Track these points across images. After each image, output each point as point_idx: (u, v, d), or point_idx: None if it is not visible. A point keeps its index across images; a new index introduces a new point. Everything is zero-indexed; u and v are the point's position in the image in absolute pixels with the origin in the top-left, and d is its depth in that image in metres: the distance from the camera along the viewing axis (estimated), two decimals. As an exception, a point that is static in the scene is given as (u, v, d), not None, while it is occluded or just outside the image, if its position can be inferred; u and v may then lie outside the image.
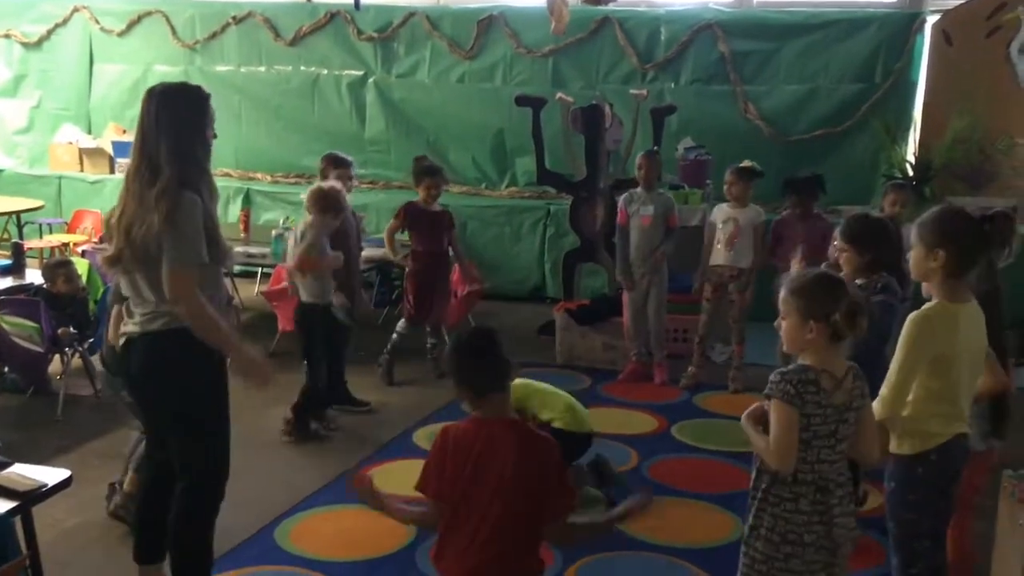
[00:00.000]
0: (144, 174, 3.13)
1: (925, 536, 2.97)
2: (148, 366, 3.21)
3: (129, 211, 3.12)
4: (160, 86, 3.30)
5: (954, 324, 2.85)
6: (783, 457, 2.57)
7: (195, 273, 3.10)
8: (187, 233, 3.08)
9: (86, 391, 5.87)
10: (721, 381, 6.26)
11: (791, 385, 2.54)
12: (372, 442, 5.30)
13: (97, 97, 10.33)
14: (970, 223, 2.88)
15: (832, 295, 2.57)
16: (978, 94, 7.71)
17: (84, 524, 4.18)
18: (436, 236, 6.32)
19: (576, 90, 8.45)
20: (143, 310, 3.18)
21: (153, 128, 3.17)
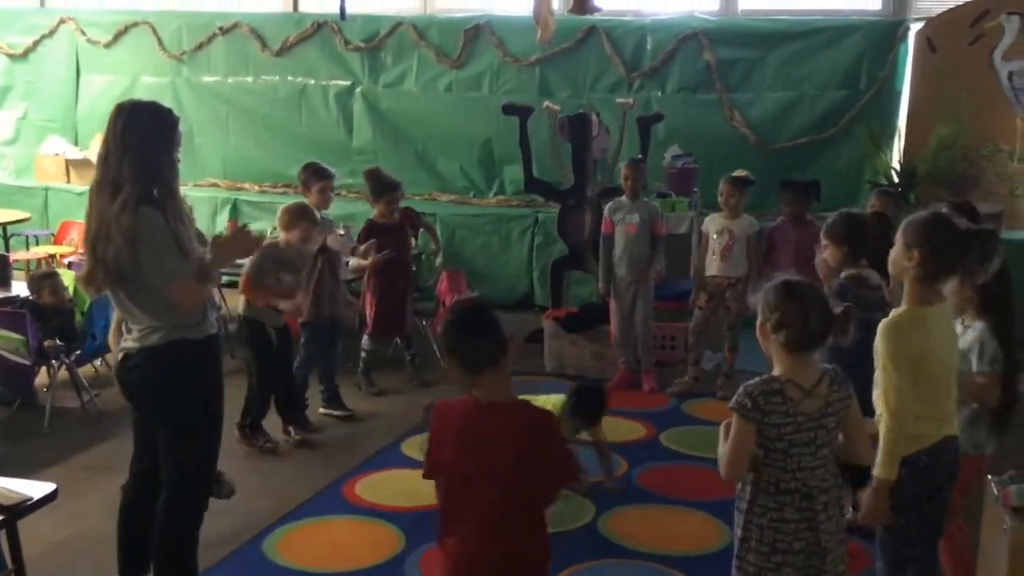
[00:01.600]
0: (106, 189, 3.12)
1: (915, 542, 2.97)
2: (146, 380, 3.23)
3: (92, 228, 3.13)
4: (129, 103, 3.29)
5: (923, 326, 2.87)
6: (729, 466, 2.61)
7: (193, 279, 3.14)
8: (160, 246, 3.08)
9: (73, 403, 5.85)
10: (710, 389, 6.28)
11: (749, 398, 2.56)
12: (361, 452, 5.29)
13: (84, 108, 10.30)
14: (953, 231, 2.88)
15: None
16: (962, 101, 7.76)
17: (71, 537, 4.16)
18: (399, 248, 6.25)
19: (563, 99, 8.48)
20: (138, 326, 3.20)
21: (118, 143, 3.14)
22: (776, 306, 2.56)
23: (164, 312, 3.15)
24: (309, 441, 5.44)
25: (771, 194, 7.33)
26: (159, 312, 3.16)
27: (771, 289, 2.61)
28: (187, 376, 3.24)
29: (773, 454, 2.58)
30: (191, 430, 3.30)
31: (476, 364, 2.57)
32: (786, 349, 2.57)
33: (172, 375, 3.22)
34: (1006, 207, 7.79)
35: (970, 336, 3.27)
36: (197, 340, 3.25)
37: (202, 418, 3.32)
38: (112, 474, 4.84)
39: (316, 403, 5.83)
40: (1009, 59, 7.94)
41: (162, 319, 3.16)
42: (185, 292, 3.13)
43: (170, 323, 3.17)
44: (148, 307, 3.15)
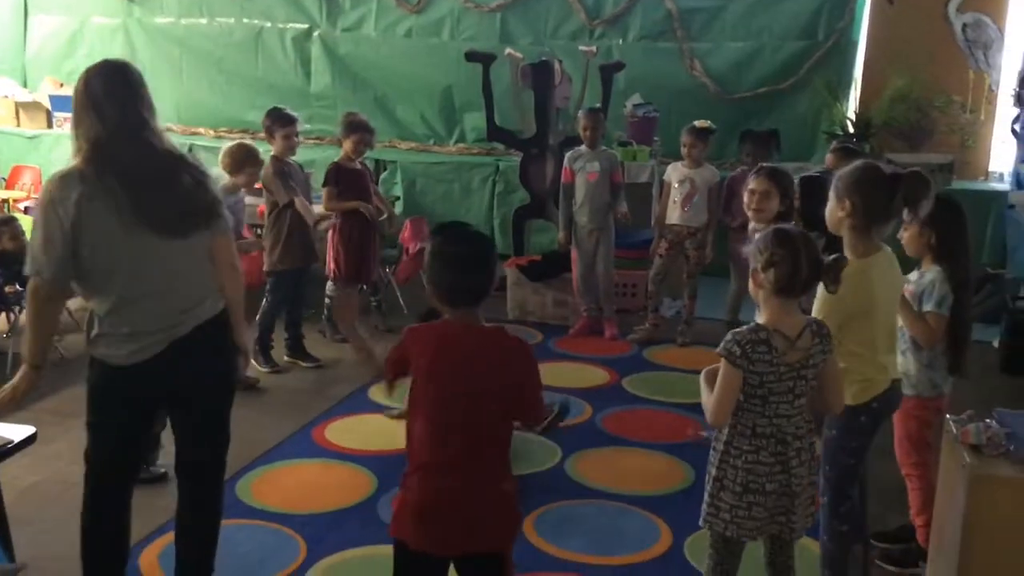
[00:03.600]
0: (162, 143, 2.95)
1: (855, 479, 3.14)
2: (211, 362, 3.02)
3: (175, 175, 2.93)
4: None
5: (865, 278, 2.95)
6: (716, 414, 2.68)
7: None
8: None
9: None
10: (670, 335, 6.40)
11: (738, 346, 2.62)
12: (328, 398, 5.33)
13: (32, 50, 10.06)
14: (880, 176, 2.98)
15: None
16: (917, 53, 7.87)
17: (42, 482, 4.17)
18: (363, 194, 6.24)
19: (524, 46, 8.46)
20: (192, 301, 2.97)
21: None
22: (767, 248, 2.62)
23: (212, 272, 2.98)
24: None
25: (731, 143, 7.45)
26: (206, 274, 2.97)
27: (763, 236, 2.68)
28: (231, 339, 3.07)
29: (752, 400, 2.66)
30: (232, 404, 3.18)
31: (454, 301, 2.51)
32: (774, 293, 2.63)
33: (228, 343, 3.05)
34: (957, 158, 7.97)
35: (926, 280, 3.40)
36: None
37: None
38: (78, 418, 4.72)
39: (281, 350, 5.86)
40: (963, 12, 8.08)
41: (207, 284, 2.97)
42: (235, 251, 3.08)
43: (212, 287, 2.98)
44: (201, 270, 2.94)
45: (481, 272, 2.52)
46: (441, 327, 2.55)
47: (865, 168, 3.04)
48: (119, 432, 3.00)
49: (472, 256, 2.52)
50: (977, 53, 8.12)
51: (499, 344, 2.52)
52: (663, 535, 3.88)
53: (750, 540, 2.79)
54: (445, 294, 2.51)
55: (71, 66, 9.94)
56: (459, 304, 2.51)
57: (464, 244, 2.55)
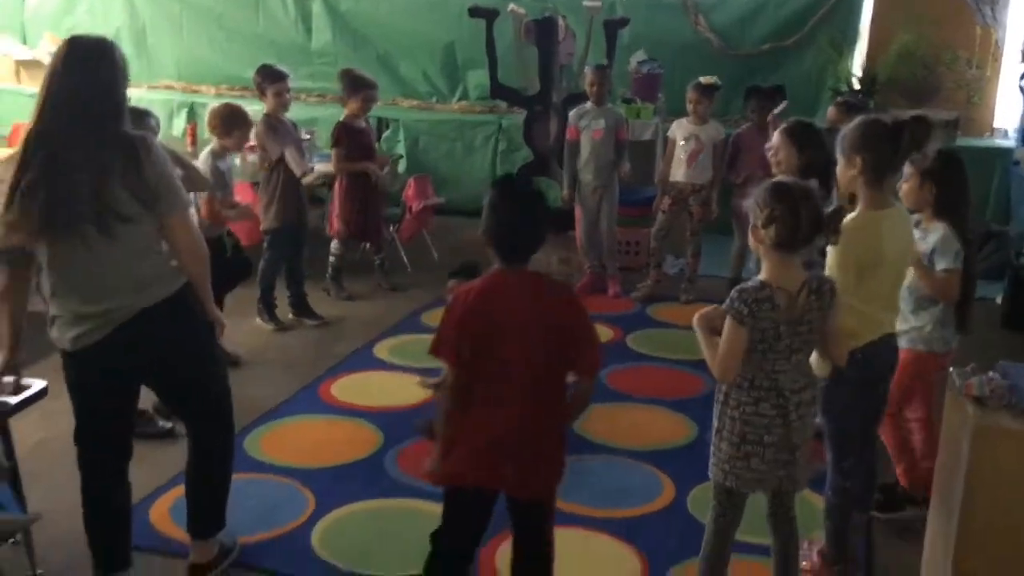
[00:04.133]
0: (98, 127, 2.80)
1: (855, 432, 3.14)
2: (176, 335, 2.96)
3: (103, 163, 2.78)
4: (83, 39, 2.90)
5: (875, 230, 2.97)
6: (724, 370, 2.70)
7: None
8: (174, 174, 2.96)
9: (40, 307, 5.80)
10: (673, 292, 6.42)
11: (744, 305, 2.63)
12: (333, 355, 5.36)
13: (31, 6, 9.98)
14: (884, 128, 2.98)
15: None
16: (923, 9, 7.80)
17: (50, 439, 4.19)
18: (367, 152, 6.24)
19: (528, 2, 8.33)
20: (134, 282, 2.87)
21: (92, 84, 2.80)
22: (767, 203, 2.63)
23: (163, 256, 2.90)
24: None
25: (735, 100, 7.40)
26: (158, 258, 2.89)
27: (763, 190, 2.68)
28: (201, 314, 3.03)
29: (752, 354, 2.68)
30: (219, 366, 3.19)
31: (509, 254, 2.57)
32: (775, 248, 2.64)
33: (195, 317, 2.99)
34: (963, 114, 7.93)
35: (932, 238, 3.40)
36: (187, 281, 2.98)
37: (218, 351, 3.24)
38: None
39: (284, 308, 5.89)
40: (971, -33, 7.99)
41: (161, 265, 2.89)
42: (192, 223, 2.99)
43: (169, 268, 2.91)
44: (148, 253, 2.85)
45: (528, 227, 2.59)
46: (487, 278, 2.61)
47: (869, 123, 3.05)
48: (91, 414, 3.00)
49: (519, 211, 2.59)
50: (984, 9, 8.04)
51: (545, 287, 2.60)
52: (667, 488, 3.92)
53: (750, 492, 2.83)
54: (500, 246, 2.58)
55: (71, 23, 9.86)
56: (512, 257, 2.58)
57: (513, 198, 2.61)
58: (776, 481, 2.77)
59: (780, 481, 2.77)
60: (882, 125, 3.01)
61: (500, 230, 2.57)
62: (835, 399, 3.06)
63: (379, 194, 6.36)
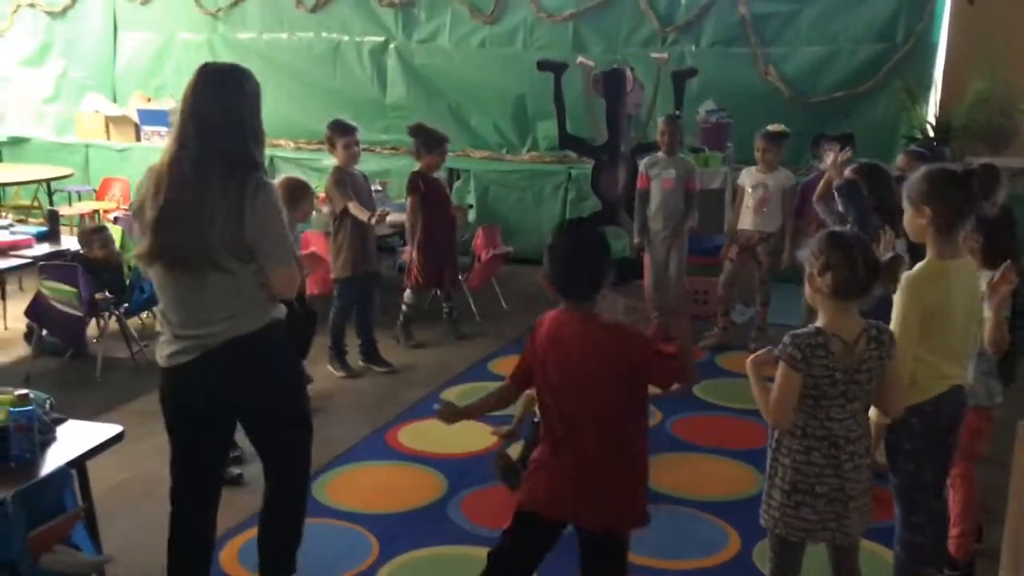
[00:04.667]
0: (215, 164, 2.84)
1: (925, 486, 3.08)
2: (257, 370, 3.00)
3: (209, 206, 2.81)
4: (215, 66, 3.00)
5: (944, 280, 2.94)
6: (778, 417, 2.69)
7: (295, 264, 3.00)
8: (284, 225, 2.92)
9: (122, 354, 6.04)
10: (742, 342, 6.37)
11: (798, 350, 2.63)
12: (401, 402, 5.44)
13: (121, 65, 10.47)
14: (953, 178, 2.95)
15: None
16: (999, 54, 7.68)
17: (130, 480, 4.35)
18: (443, 203, 6.38)
19: (597, 54, 8.50)
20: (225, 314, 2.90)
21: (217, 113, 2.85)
22: (823, 251, 2.64)
23: (257, 295, 2.93)
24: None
25: (805, 149, 7.36)
26: (252, 295, 2.92)
27: (817, 239, 2.69)
28: (291, 353, 3.12)
29: (805, 400, 2.67)
30: (304, 409, 3.21)
31: (565, 292, 2.65)
32: (832, 296, 2.64)
33: (281, 355, 3.06)
34: (1041, 161, 7.75)
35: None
36: (281, 319, 3.05)
37: (304, 390, 3.29)
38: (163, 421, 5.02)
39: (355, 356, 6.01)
40: (1048, 11, 7.86)
41: (254, 302, 2.93)
42: (294, 275, 2.99)
43: (262, 305, 2.95)
44: (241, 291, 2.88)
45: (586, 265, 2.63)
46: (551, 316, 2.71)
47: (936, 172, 3.01)
48: (181, 438, 3.09)
49: (577, 249, 2.65)
50: (1062, 54, 7.90)
51: (599, 328, 2.64)
52: (732, 540, 3.88)
53: (799, 541, 2.79)
54: (555, 285, 2.65)
55: (158, 81, 10.32)
56: (569, 295, 2.65)
57: (572, 238, 2.69)
58: (828, 533, 2.73)
59: (832, 533, 2.73)
60: (951, 174, 2.98)
61: (557, 268, 2.64)
62: (903, 452, 3.01)
63: (454, 244, 6.48)
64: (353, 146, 5.78)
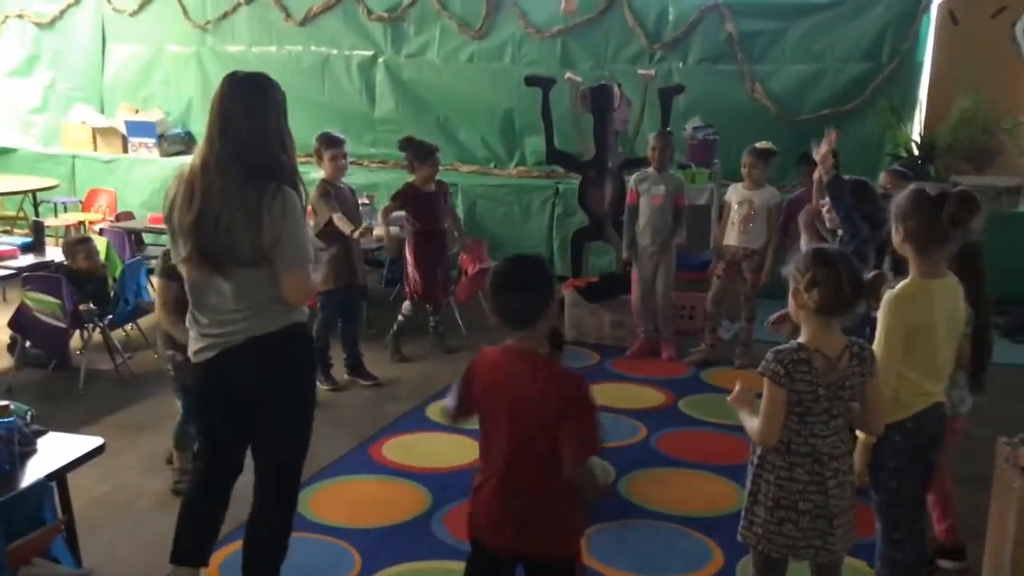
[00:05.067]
0: (233, 168, 2.94)
1: (906, 502, 3.09)
2: (271, 370, 3.09)
3: (228, 214, 2.92)
4: (243, 75, 3.09)
5: (927, 299, 2.96)
6: (765, 435, 2.70)
7: (310, 272, 3.08)
8: (303, 232, 3.03)
9: (106, 366, 6.01)
10: (727, 357, 6.38)
11: (781, 366, 2.64)
12: (385, 416, 5.43)
13: (109, 77, 10.44)
14: (925, 200, 2.98)
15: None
16: (983, 74, 7.75)
17: (112, 492, 4.32)
18: (436, 215, 6.38)
19: (585, 70, 8.51)
20: (246, 314, 3.02)
21: (239, 121, 2.96)
22: (809, 268, 2.65)
23: (274, 298, 3.03)
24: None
25: (791, 166, 7.40)
26: (272, 298, 3.02)
27: (804, 255, 2.71)
28: (307, 357, 3.23)
29: (789, 417, 2.68)
30: (308, 414, 3.25)
31: (502, 322, 2.57)
32: (817, 312, 2.65)
33: (297, 358, 3.14)
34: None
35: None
36: (303, 323, 3.19)
37: (314, 401, 3.32)
38: (146, 433, 5.03)
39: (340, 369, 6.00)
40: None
41: (274, 305, 3.03)
42: (308, 283, 3.09)
43: (282, 308, 3.05)
44: (262, 294, 3.00)
45: (515, 292, 2.56)
46: (492, 351, 2.65)
47: (911, 193, 3.06)
48: (204, 426, 3.31)
49: (509, 276, 2.60)
50: (1045, 73, 7.98)
51: (542, 372, 2.55)
52: (715, 556, 3.87)
53: (782, 558, 2.79)
54: (499, 316, 2.60)
55: (146, 93, 10.30)
56: (505, 324, 2.58)
57: (506, 264, 2.64)
58: (812, 551, 2.73)
59: (817, 551, 2.73)
60: (924, 196, 3.01)
61: (496, 297, 2.59)
62: (885, 469, 3.02)
63: (444, 256, 6.47)
64: (340, 159, 5.78)
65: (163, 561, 3.57)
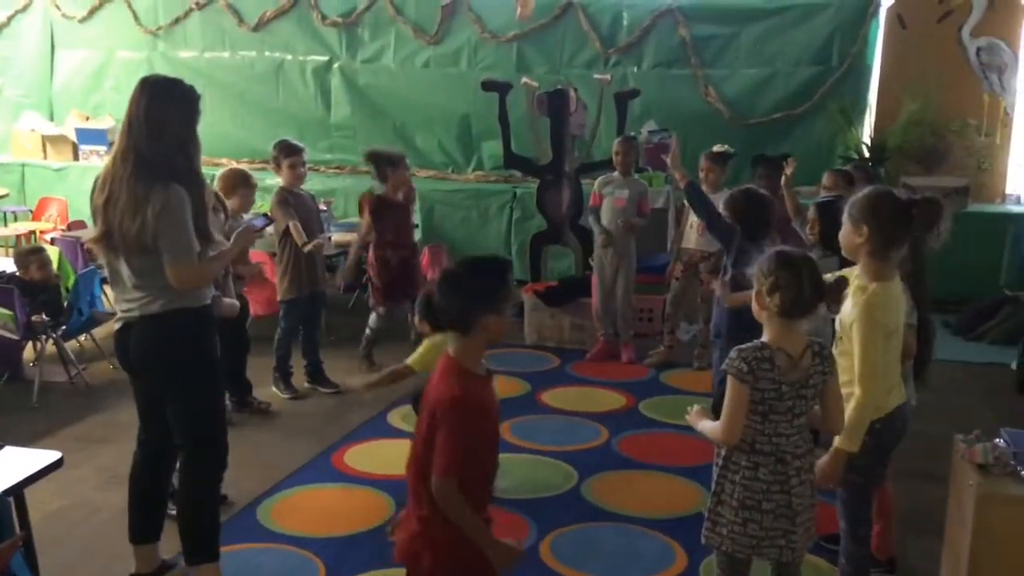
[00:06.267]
0: (131, 161, 3.19)
1: (869, 499, 3.16)
2: (149, 347, 3.33)
3: (114, 197, 3.19)
4: (154, 78, 3.35)
5: (894, 300, 2.99)
6: (728, 432, 2.73)
7: (195, 263, 3.25)
8: (184, 226, 3.19)
9: (60, 377, 5.92)
10: (686, 359, 6.44)
11: (745, 363, 2.68)
12: (347, 424, 5.39)
13: (59, 84, 10.30)
14: (895, 204, 2.99)
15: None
16: (931, 77, 7.92)
17: (69, 506, 4.25)
18: (404, 226, 6.34)
19: (540, 75, 8.56)
20: (140, 294, 3.29)
21: (144, 118, 3.21)
22: (771, 272, 2.68)
23: (167, 283, 3.25)
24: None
25: (745, 169, 7.49)
26: (164, 283, 3.24)
27: (767, 258, 2.73)
28: (188, 339, 3.36)
29: (752, 416, 2.71)
30: (196, 390, 3.40)
31: (443, 323, 2.51)
32: (779, 315, 2.69)
33: (175, 340, 3.33)
34: (973, 181, 8.01)
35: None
36: (195, 308, 3.36)
37: (206, 378, 3.42)
38: (103, 445, 4.95)
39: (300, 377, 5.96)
40: (977, 36, 8.12)
41: (165, 289, 3.25)
42: (192, 272, 3.26)
43: (172, 293, 3.27)
44: (154, 278, 3.23)
45: (447, 294, 2.49)
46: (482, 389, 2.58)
47: (880, 195, 3.04)
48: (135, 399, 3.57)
49: (448, 276, 2.56)
50: (992, 76, 8.16)
51: (434, 386, 2.52)
52: (679, 557, 3.90)
53: (746, 557, 2.83)
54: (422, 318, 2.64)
55: (97, 99, 10.17)
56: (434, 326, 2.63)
57: (455, 265, 2.66)
58: (776, 551, 2.77)
59: (781, 550, 2.77)
60: (893, 199, 3.01)
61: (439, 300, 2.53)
62: (854, 468, 3.04)
63: (413, 261, 6.36)
64: (299, 167, 5.74)
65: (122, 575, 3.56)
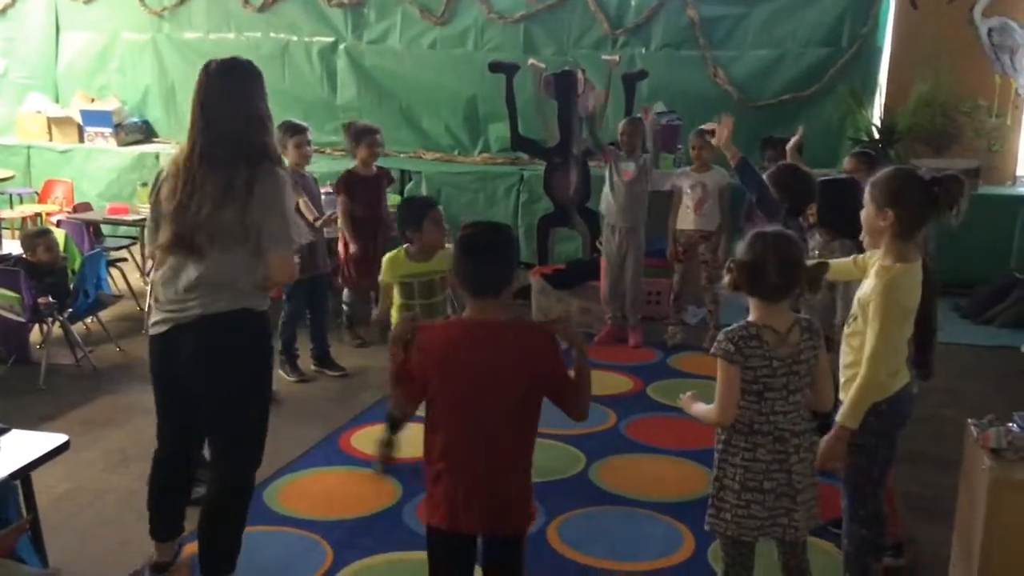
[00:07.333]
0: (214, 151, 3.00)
1: (874, 481, 3.13)
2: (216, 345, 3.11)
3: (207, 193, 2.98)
4: (217, 60, 3.15)
5: (916, 281, 2.96)
6: (722, 412, 2.72)
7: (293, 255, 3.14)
8: (289, 213, 3.08)
9: (67, 360, 5.91)
10: (694, 342, 6.41)
11: (731, 343, 2.67)
12: (354, 406, 5.39)
13: (63, 66, 10.26)
14: (919, 184, 2.95)
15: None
16: (942, 58, 7.84)
17: (75, 490, 4.25)
18: (376, 201, 6.25)
19: (547, 56, 8.50)
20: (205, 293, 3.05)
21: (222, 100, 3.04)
22: (744, 255, 2.68)
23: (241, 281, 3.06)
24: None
25: (754, 151, 7.43)
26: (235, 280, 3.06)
27: (745, 240, 2.73)
28: (254, 338, 3.19)
29: (748, 396, 2.70)
30: (250, 392, 3.20)
31: (475, 291, 2.55)
32: (750, 295, 2.70)
33: (246, 337, 3.15)
34: (984, 162, 7.93)
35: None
36: (258, 312, 3.17)
37: (262, 381, 3.27)
38: (109, 428, 4.95)
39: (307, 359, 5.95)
40: (988, 16, 8.02)
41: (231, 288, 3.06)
42: (292, 266, 3.13)
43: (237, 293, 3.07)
44: (230, 274, 3.04)
45: (495, 261, 2.58)
46: (441, 327, 2.64)
47: (903, 176, 3.00)
48: (158, 395, 3.29)
49: (479, 244, 2.59)
50: (1003, 57, 8.07)
51: (514, 333, 2.57)
52: (687, 541, 3.89)
53: (751, 540, 2.81)
54: (466, 283, 2.58)
55: (102, 81, 10.13)
56: (479, 294, 2.57)
57: (481, 235, 2.63)
58: (779, 529, 2.76)
59: (784, 529, 2.75)
60: (916, 180, 2.97)
61: (463, 266, 2.58)
62: (857, 447, 3.03)
63: (382, 240, 6.30)
64: (305, 145, 5.71)
65: (130, 558, 3.56)
